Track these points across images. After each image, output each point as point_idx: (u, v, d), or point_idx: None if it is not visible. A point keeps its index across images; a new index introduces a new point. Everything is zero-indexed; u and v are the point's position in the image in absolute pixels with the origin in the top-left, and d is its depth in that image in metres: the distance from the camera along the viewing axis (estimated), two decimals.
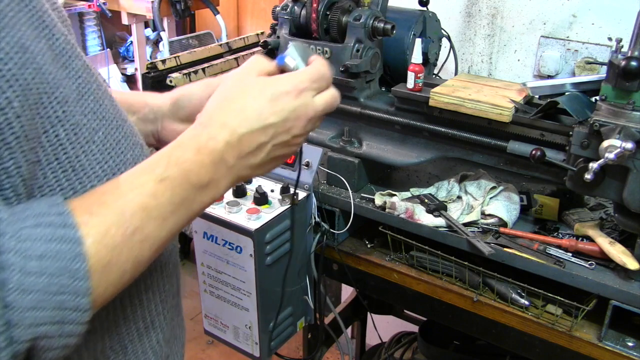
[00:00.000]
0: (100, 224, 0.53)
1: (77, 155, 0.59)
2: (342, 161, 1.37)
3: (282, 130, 0.64)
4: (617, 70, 0.96)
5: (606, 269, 1.09)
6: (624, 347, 1.06)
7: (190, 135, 0.62)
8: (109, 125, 0.64)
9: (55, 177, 0.57)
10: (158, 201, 0.57)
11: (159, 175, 0.58)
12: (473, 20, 1.74)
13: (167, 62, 1.93)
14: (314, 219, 1.34)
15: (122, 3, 3.28)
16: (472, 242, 1.16)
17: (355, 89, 1.34)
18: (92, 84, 0.63)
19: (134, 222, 0.55)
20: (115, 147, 0.64)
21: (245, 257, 1.22)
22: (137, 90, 3.86)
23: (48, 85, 0.56)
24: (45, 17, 0.58)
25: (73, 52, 0.61)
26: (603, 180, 1.03)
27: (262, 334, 1.30)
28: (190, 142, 0.61)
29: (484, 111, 1.17)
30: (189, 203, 0.60)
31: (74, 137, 0.58)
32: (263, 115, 0.63)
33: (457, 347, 1.70)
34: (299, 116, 0.65)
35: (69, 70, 0.60)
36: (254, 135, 0.63)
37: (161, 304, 0.72)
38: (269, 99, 0.64)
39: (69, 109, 0.58)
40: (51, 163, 0.56)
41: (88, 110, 0.61)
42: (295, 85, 0.65)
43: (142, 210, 0.56)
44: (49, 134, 0.56)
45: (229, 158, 0.62)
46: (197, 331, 2.75)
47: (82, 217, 0.52)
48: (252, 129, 0.62)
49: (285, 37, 1.39)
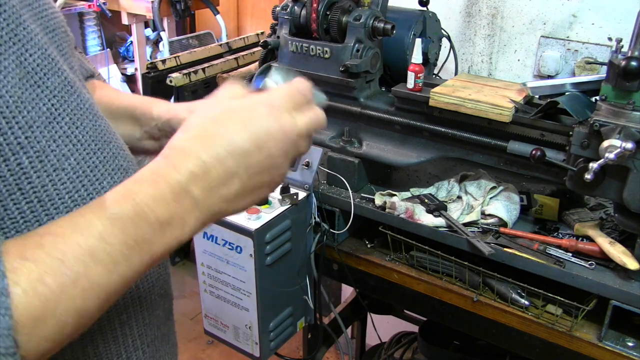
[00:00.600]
0: (33, 270, 0.46)
1: (44, 184, 0.53)
2: (342, 161, 1.37)
3: (257, 155, 0.56)
4: (617, 70, 0.96)
5: (606, 269, 1.09)
6: (624, 347, 1.06)
7: (150, 168, 0.54)
8: (84, 150, 0.58)
9: (18, 209, 0.51)
10: (107, 243, 0.49)
11: (110, 213, 0.50)
12: (473, 20, 1.74)
13: (167, 62, 1.93)
14: (314, 219, 1.34)
15: (122, 3, 3.28)
16: (472, 242, 1.16)
17: (355, 89, 1.34)
18: (70, 102, 0.58)
19: (75, 268, 0.47)
20: (89, 174, 0.58)
21: (245, 257, 1.22)
22: (137, 90, 3.86)
23: (8, 109, 0.50)
24: (19, 31, 0.53)
25: (50, 68, 0.56)
26: (603, 180, 1.03)
27: (262, 334, 1.30)
28: (149, 175, 0.53)
29: (484, 111, 1.17)
30: (147, 245, 0.52)
31: (39, 164, 0.53)
32: (229, 136, 0.55)
33: (457, 347, 1.70)
34: (272, 135, 0.56)
35: (42, 90, 0.55)
36: (221, 161, 0.54)
37: (139, 338, 0.67)
38: (236, 119, 0.56)
39: (34, 135, 0.53)
40: (13, 194, 0.51)
41: (59, 135, 0.55)
42: (267, 102, 0.58)
43: (87, 255, 0.48)
44: (9, 163, 0.50)
45: (194, 190, 0.53)
46: (197, 331, 2.75)
47: (14, 262, 0.45)
48: (218, 154, 0.54)
49: (285, 37, 1.39)
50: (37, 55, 0.55)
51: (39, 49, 0.56)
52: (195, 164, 0.53)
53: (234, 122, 0.55)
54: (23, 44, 0.54)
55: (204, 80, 1.89)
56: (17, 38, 0.53)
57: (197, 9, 3.40)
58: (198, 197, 0.54)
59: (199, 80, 1.87)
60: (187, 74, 1.83)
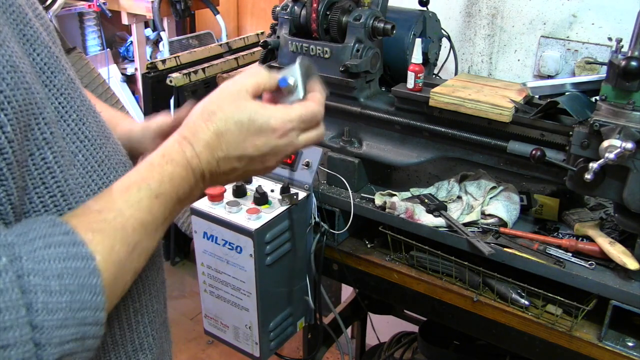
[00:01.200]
0: (105, 240, 0.54)
1: (66, 179, 0.57)
2: (342, 161, 1.37)
3: (258, 162, 0.66)
4: (617, 70, 0.96)
5: (606, 269, 1.09)
6: (624, 347, 1.06)
7: (178, 150, 0.63)
8: (91, 146, 0.62)
9: (42, 202, 0.55)
10: (153, 216, 0.59)
11: (154, 191, 0.59)
12: (473, 20, 1.74)
13: (167, 62, 1.93)
14: (314, 219, 1.34)
15: (122, 3, 3.28)
16: (472, 242, 1.16)
17: (355, 89, 1.34)
18: (75, 100, 0.61)
19: (135, 237, 0.57)
20: (97, 169, 0.63)
21: (245, 257, 1.22)
22: (137, 90, 3.87)
23: (36, 106, 0.53)
24: (27, 30, 0.55)
25: (56, 66, 0.59)
26: (603, 180, 1.03)
27: (262, 334, 1.30)
28: (179, 158, 0.62)
29: (484, 111, 1.17)
30: (174, 214, 0.63)
31: (61, 159, 0.57)
32: (244, 144, 0.64)
33: (457, 347, 1.70)
34: (278, 153, 0.67)
35: (50, 88, 0.57)
36: (231, 161, 0.65)
37: (150, 325, 0.72)
38: (253, 132, 0.64)
39: (55, 131, 0.56)
40: (37, 187, 0.54)
41: (67, 132, 0.59)
42: (284, 125, 0.66)
43: (141, 226, 0.57)
44: (35, 157, 0.54)
45: (207, 175, 0.64)
46: (197, 331, 2.75)
47: (86, 235, 0.52)
48: (230, 156, 0.64)
49: (285, 37, 1.39)
50: (44, 54, 0.57)
51: (44, 48, 0.57)
52: (212, 156, 0.63)
53: (252, 133, 0.64)
54: (31, 43, 0.55)
55: (204, 80, 1.89)
56: (26, 38, 0.55)
57: (197, 9, 3.40)
58: (208, 180, 0.65)
59: (199, 80, 1.87)
60: (187, 74, 1.83)
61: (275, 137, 0.65)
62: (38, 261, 0.48)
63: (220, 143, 0.63)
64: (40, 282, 0.47)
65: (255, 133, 0.64)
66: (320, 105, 0.70)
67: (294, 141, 0.67)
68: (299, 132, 0.68)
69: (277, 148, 0.66)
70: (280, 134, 0.65)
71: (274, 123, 0.65)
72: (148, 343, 0.72)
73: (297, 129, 0.67)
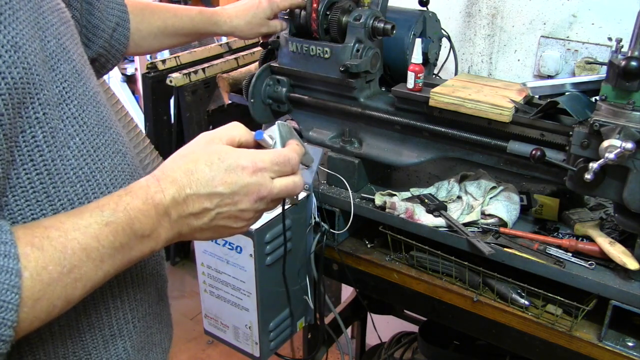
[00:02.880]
0: (40, 258, 0.53)
1: (53, 158, 0.59)
2: (342, 161, 1.37)
3: (229, 202, 0.65)
4: (617, 70, 0.96)
5: (606, 269, 1.09)
6: (624, 347, 1.06)
7: (142, 185, 0.63)
8: (89, 132, 0.65)
9: (28, 179, 0.57)
10: (99, 243, 0.58)
11: (106, 218, 0.58)
12: (473, 20, 1.74)
13: (167, 62, 1.93)
14: (314, 219, 1.34)
15: None
16: (472, 242, 1.16)
17: (355, 89, 1.34)
18: (78, 88, 0.64)
19: (72, 261, 0.55)
20: (92, 154, 0.65)
21: (245, 257, 1.22)
22: (137, 90, 3.86)
23: (33, 87, 0.56)
24: (40, 19, 0.59)
25: (63, 55, 0.62)
26: (603, 180, 1.03)
27: (262, 334, 1.30)
28: (140, 191, 0.62)
29: (484, 111, 1.17)
30: (128, 249, 0.61)
31: (51, 139, 0.59)
32: (213, 182, 0.64)
33: (457, 347, 1.70)
34: (249, 192, 0.66)
35: (56, 74, 0.61)
36: (200, 199, 0.64)
37: (130, 312, 0.72)
38: (224, 169, 0.64)
39: (50, 112, 0.59)
40: (25, 164, 0.57)
41: (67, 115, 0.62)
42: (255, 163, 0.66)
43: (82, 251, 0.56)
44: (26, 135, 0.56)
45: (172, 213, 0.63)
46: (197, 331, 2.75)
47: (25, 248, 0.52)
48: (199, 193, 0.64)
49: (285, 37, 1.39)
50: (52, 43, 0.61)
51: (54, 38, 0.61)
52: (179, 193, 0.63)
53: (222, 171, 0.64)
54: (43, 31, 0.60)
55: (204, 80, 1.89)
56: (39, 25, 0.59)
57: None
58: (174, 219, 0.64)
59: (199, 80, 1.87)
60: (187, 74, 1.83)
61: (245, 175, 0.65)
62: None
63: (189, 181, 0.63)
64: None
65: (226, 171, 0.64)
66: (296, 153, 0.70)
67: (267, 184, 0.66)
68: (272, 175, 0.67)
69: (248, 187, 0.65)
70: (250, 171, 0.65)
71: (243, 161, 0.65)
72: (127, 330, 0.72)
73: (269, 171, 0.67)
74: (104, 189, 0.66)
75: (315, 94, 1.43)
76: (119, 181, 0.69)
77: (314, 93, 1.43)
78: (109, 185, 0.67)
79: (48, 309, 0.54)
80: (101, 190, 0.66)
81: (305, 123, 1.48)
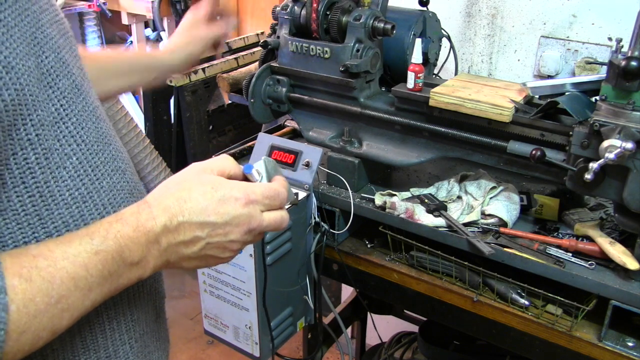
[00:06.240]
0: (27, 290, 0.51)
1: (47, 180, 0.58)
2: (342, 161, 1.37)
3: (220, 232, 0.65)
4: (617, 70, 0.96)
5: (606, 269, 1.09)
6: (624, 347, 1.06)
7: (133, 211, 0.62)
8: (87, 150, 0.63)
9: (20, 201, 0.56)
10: (88, 272, 0.56)
11: (95, 246, 0.57)
12: (473, 20, 1.74)
13: None
14: (314, 219, 1.34)
15: (122, 3, 3.28)
16: (472, 242, 1.16)
17: (355, 89, 1.34)
18: (77, 104, 0.62)
19: (60, 291, 0.54)
20: (90, 173, 0.63)
21: (245, 257, 1.22)
22: (137, 91, 3.86)
23: (26, 107, 0.54)
24: (38, 34, 0.57)
25: (62, 70, 0.60)
26: (603, 180, 1.03)
27: (262, 334, 1.30)
28: (131, 218, 0.61)
29: (484, 111, 1.16)
30: (116, 277, 0.59)
31: (44, 161, 0.57)
32: (206, 212, 0.64)
33: (457, 347, 1.70)
34: (240, 224, 0.66)
35: (53, 90, 0.59)
36: (192, 227, 0.63)
37: (127, 333, 0.71)
38: (217, 199, 0.64)
39: (43, 133, 0.57)
40: (17, 186, 0.55)
41: (64, 134, 0.60)
42: (247, 195, 0.66)
43: (71, 280, 0.55)
44: (17, 157, 0.55)
45: (163, 241, 0.62)
46: (197, 331, 2.75)
47: (12, 279, 0.51)
48: (191, 221, 0.63)
49: (285, 37, 1.39)
50: (51, 58, 0.59)
51: (52, 52, 0.59)
52: (171, 221, 0.62)
53: (216, 201, 0.64)
54: (41, 47, 0.58)
55: (204, 80, 1.89)
56: (37, 41, 0.57)
57: None
58: (164, 247, 0.63)
59: (199, 80, 1.87)
60: (187, 74, 1.83)
61: (238, 206, 0.65)
62: None
63: (182, 209, 0.63)
64: None
65: (219, 201, 0.64)
66: (283, 188, 0.71)
67: (257, 216, 0.67)
68: (262, 208, 0.68)
69: (240, 218, 0.65)
70: (243, 203, 0.65)
71: (236, 193, 0.66)
72: (124, 351, 0.71)
73: (260, 204, 0.67)
74: (102, 210, 0.65)
75: (315, 94, 1.43)
76: (117, 200, 0.67)
77: (314, 93, 1.43)
78: (107, 205, 0.66)
79: (33, 340, 0.53)
80: (98, 211, 0.64)
81: (305, 123, 1.48)
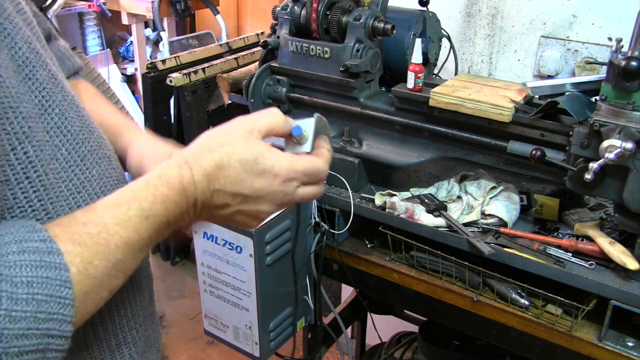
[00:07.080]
0: (84, 253, 0.52)
1: (46, 173, 0.57)
2: (342, 161, 1.37)
3: (252, 203, 0.65)
4: (617, 70, 0.96)
5: (606, 269, 1.09)
6: (624, 347, 1.06)
7: (177, 174, 0.61)
8: (74, 140, 0.62)
9: (26, 197, 0.55)
10: (140, 236, 0.57)
11: (146, 211, 0.57)
12: (473, 20, 1.74)
13: (167, 62, 1.93)
14: (314, 219, 1.34)
15: (122, 3, 3.28)
16: (472, 242, 1.16)
17: (355, 89, 1.34)
18: (57, 94, 0.61)
19: (117, 255, 0.55)
20: (80, 163, 0.62)
21: (245, 257, 1.22)
22: (137, 90, 3.86)
23: (12, 99, 0.53)
24: (7, 24, 0.55)
25: (37, 61, 0.59)
26: (603, 180, 1.03)
27: (262, 334, 1.30)
28: (176, 182, 0.60)
29: (484, 111, 1.17)
30: (162, 236, 0.61)
31: (41, 154, 0.56)
32: (243, 183, 0.63)
33: (457, 347, 1.70)
34: (274, 199, 0.66)
35: (32, 82, 0.58)
36: (225, 195, 0.63)
37: (133, 319, 0.72)
38: (256, 172, 0.63)
39: (34, 125, 0.56)
40: (21, 182, 0.54)
41: (51, 126, 0.59)
42: (287, 174, 0.65)
43: (125, 245, 0.56)
44: (17, 151, 0.54)
45: (199, 204, 0.63)
46: (197, 331, 2.75)
47: (66, 245, 0.51)
48: (225, 190, 0.63)
49: (285, 37, 1.39)
50: (25, 49, 0.57)
51: (24, 43, 0.58)
52: (208, 187, 0.62)
53: (254, 175, 0.63)
54: (12, 37, 0.56)
55: (204, 80, 1.89)
56: (7, 32, 0.55)
57: (197, 9, 3.40)
58: (199, 209, 0.63)
59: (199, 80, 1.87)
60: (187, 74, 1.83)
61: (275, 183, 0.64)
62: (9, 266, 0.47)
63: (219, 176, 0.62)
64: (7, 289, 0.46)
65: (257, 175, 0.63)
66: (327, 163, 0.69)
67: (292, 192, 0.66)
68: (299, 185, 0.67)
69: (273, 194, 0.65)
70: (281, 181, 0.65)
71: (277, 169, 0.64)
72: (132, 336, 0.71)
73: (298, 181, 0.66)
74: (95, 199, 0.64)
75: (315, 94, 1.43)
76: (108, 188, 0.67)
77: (314, 93, 1.43)
78: (99, 193, 0.65)
79: (96, 301, 0.55)
80: (93, 201, 0.63)
81: None
